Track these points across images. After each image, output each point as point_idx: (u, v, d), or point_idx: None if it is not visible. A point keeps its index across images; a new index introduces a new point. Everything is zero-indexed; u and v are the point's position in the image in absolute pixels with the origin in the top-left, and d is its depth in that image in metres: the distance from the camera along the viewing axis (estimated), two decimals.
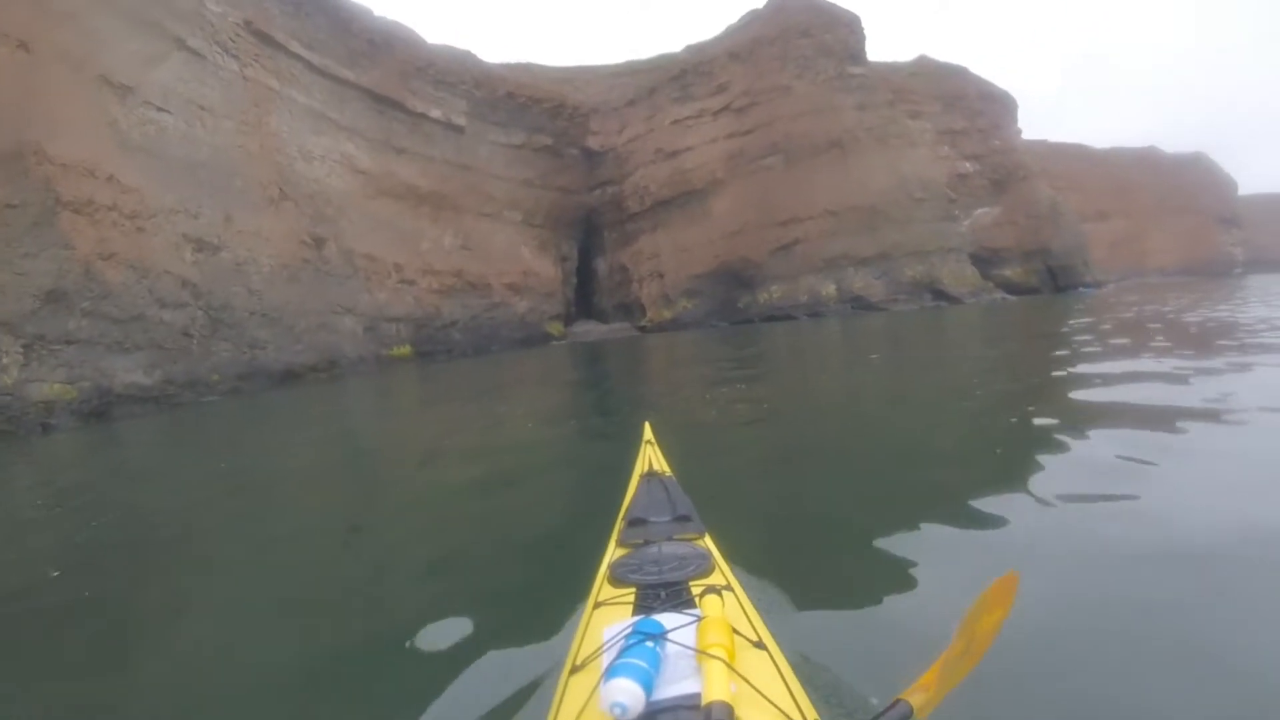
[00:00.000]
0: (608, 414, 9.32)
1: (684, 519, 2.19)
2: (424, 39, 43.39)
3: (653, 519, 2.20)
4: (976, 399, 7.01)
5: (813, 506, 3.93)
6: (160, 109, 27.35)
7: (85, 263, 20.72)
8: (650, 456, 3.04)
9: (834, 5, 47.26)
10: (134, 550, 4.64)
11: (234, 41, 31.50)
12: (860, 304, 43.33)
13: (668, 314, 50.04)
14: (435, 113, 43.35)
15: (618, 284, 55.15)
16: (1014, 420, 5.61)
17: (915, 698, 1.16)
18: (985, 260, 48.96)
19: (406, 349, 38.62)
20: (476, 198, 46.62)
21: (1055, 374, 7.93)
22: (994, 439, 5.16)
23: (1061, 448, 4.37)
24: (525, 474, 5.54)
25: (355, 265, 36.31)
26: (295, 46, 34.95)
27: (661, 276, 51.58)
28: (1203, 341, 9.97)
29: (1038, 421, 5.25)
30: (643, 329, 50.44)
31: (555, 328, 50.19)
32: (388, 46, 40.67)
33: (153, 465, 10.04)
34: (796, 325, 33.24)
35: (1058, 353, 10.09)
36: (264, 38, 33.18)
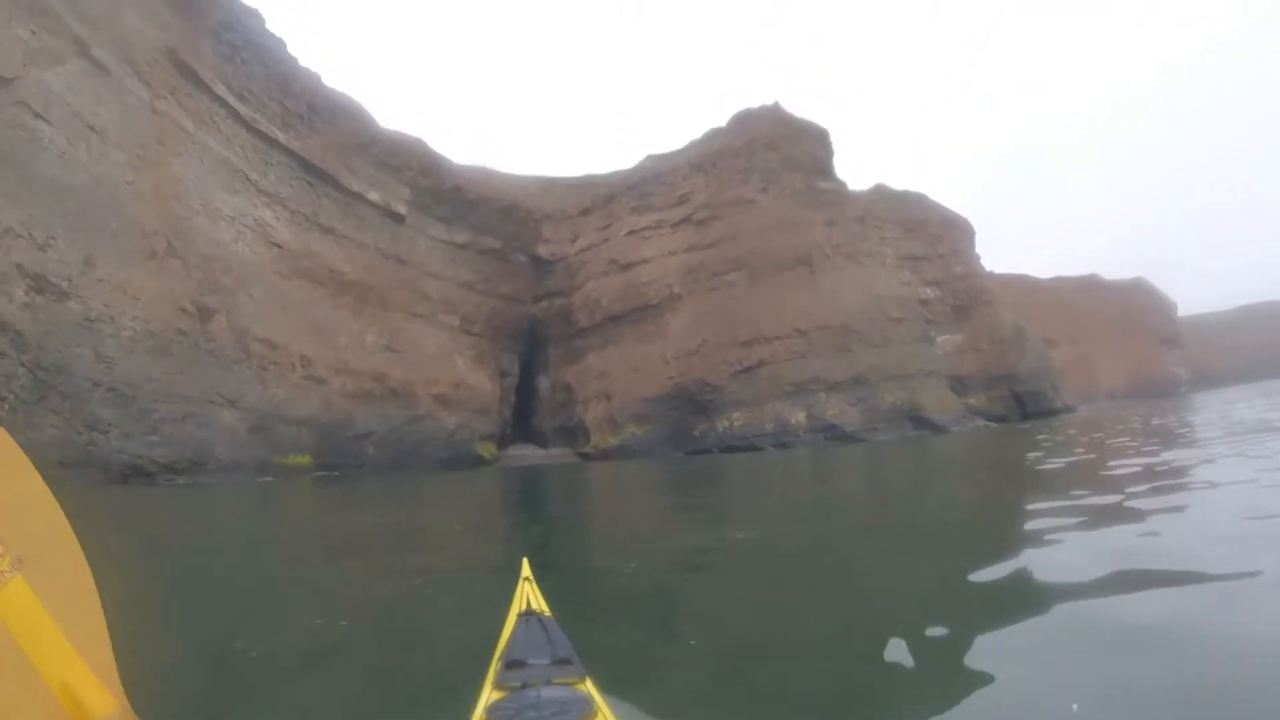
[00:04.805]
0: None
1: (564, 661, 2.03)
2: (373, 117, 39.91)
3: (531, 661, 2.03)
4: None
5: (715, 659, 3.12)
6: (38, 115, 22.47)
7: None
8: (528, 594, 2.81)
9: (800, 119, 47.28)
10: None
11: (149, 66, 27.16)
12: (834, 433, 38.82)
13: (614, 440, 44.52)
14: (373, 195, 39.13)
15: (560, 404, 49.63)
16: None
17: None
18: (950, 388, 46.27)
19: (306, 458, 31.69)
20: (409, 295, 41.53)
21: None
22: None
23: None
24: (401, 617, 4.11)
25: (249, 349, 29.83)
26: (221, 90, 30.68)
27: (609, 398, 46.56)
28: None
29: None
30: (585, 455, 44.75)
31: (487, 449, 43.76)
32: (330, 116, 36.98)
33: None
34: (761, 458, 27.73)
35: None
36: (187, 71, 28.92)
